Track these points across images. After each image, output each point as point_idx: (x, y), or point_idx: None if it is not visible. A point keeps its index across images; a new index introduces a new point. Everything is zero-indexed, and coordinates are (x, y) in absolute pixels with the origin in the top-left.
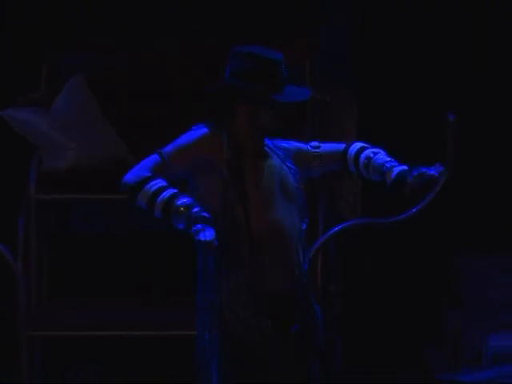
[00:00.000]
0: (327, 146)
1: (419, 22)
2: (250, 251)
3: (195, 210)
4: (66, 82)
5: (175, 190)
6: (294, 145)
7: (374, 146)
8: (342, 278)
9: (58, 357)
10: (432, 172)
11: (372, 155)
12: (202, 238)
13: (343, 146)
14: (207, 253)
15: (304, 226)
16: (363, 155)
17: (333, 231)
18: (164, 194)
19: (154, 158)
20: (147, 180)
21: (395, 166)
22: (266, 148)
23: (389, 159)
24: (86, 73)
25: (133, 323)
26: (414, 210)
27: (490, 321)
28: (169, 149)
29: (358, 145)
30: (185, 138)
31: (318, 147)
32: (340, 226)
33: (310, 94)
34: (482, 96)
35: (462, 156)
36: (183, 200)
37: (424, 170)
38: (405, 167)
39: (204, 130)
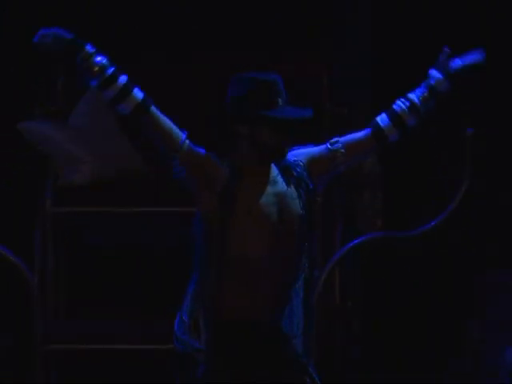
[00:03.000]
0: (347, 138)
1: (434, 36)
2: (233, 273)
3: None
4: (83, 95)
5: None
6: (307, 152)
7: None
8: (361, 294)
9: (73, 370)
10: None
11: (405, 99)
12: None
13: (365, 131)
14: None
15: (303, 262)
16: (397, 108)
17: (349, 246)
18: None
19: (181, 132)
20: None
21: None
22: (273, 172)
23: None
24: None
25: (148, 336)
26: (432, 223)
27: (509, 335)
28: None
29: (382, 114)
30: (203, 150)
31: (337, 142)
32: (356, 241)
33: (311, 113)
34: (502, 112)
35: (483, 170)
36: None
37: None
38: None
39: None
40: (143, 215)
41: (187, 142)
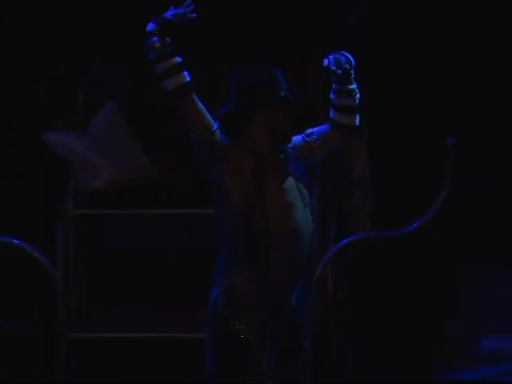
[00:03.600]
0: (320, 129)
1: (426, 46)
2: (265, 249)
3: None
4: (100, 108)
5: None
6: (293, 142)
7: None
8: (350, 287)
9: (93, 358)
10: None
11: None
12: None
13: (327, 124)
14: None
15: (313, 226)
16: (331, 106)
17: (341, 244)
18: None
19: (214, 121)
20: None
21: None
22: (282, 155)
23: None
24: (118, 99)
25: (160, 327)
26: (416, 225)
27: (484, 325)
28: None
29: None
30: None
31: (312, 133)
32: (347, 240)
33: (309, 100)
34: (484, 119)
35: (465, 174)
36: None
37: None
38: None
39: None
40: (157, 217)
41: (218, 131)
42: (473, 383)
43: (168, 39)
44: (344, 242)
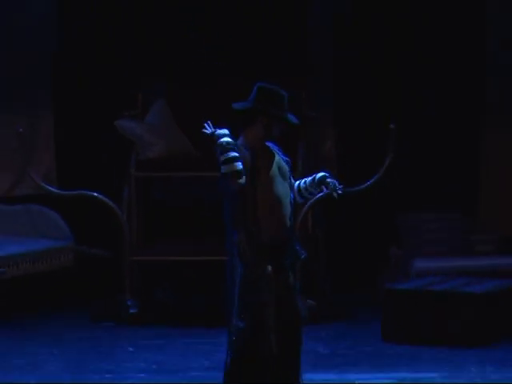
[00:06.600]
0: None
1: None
2: (265, 209)
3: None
4: (154, 103)
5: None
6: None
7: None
8: (324, 226)
9: (149, 278)
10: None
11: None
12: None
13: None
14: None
15: (292, 196)
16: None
17: (318, 196)
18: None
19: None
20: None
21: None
22: (267, 147)
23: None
24: (167, 97)
25: (198, 252)
26: (369, 182)
27: (416, 252)
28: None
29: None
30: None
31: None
32: (322, 194)
33: (299, 121)
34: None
35: (401, 150)
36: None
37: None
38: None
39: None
40: (192, 178)
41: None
42: (407, 291)
43: (235, 152)
44: (319, 196)
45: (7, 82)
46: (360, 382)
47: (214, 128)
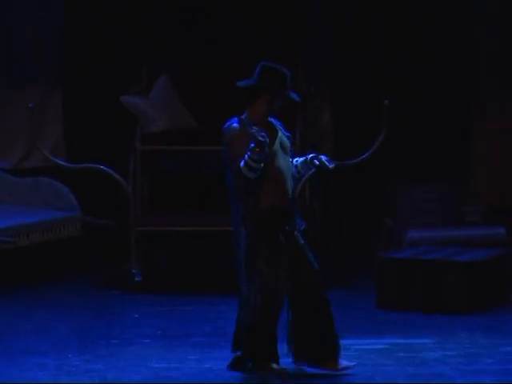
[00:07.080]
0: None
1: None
2: (268, 181)
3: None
4: (158, 79)
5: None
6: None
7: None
8: (321, 197)
9: (153, 247)
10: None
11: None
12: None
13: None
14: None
15: (294, 168)
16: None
17: (313, 170)
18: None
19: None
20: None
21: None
22: (270, 122)
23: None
24: (170, 72)
25: (201, 222)
26: (364, 156)
27: (409, 222)
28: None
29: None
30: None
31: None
32: (313, 169)
33: (300, 98)
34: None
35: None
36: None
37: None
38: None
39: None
40: (194, 151)
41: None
42: (400, 260)
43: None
44: (312, 171)
45: (18, 59)
46: (354, 347)
47: (264, 138)
